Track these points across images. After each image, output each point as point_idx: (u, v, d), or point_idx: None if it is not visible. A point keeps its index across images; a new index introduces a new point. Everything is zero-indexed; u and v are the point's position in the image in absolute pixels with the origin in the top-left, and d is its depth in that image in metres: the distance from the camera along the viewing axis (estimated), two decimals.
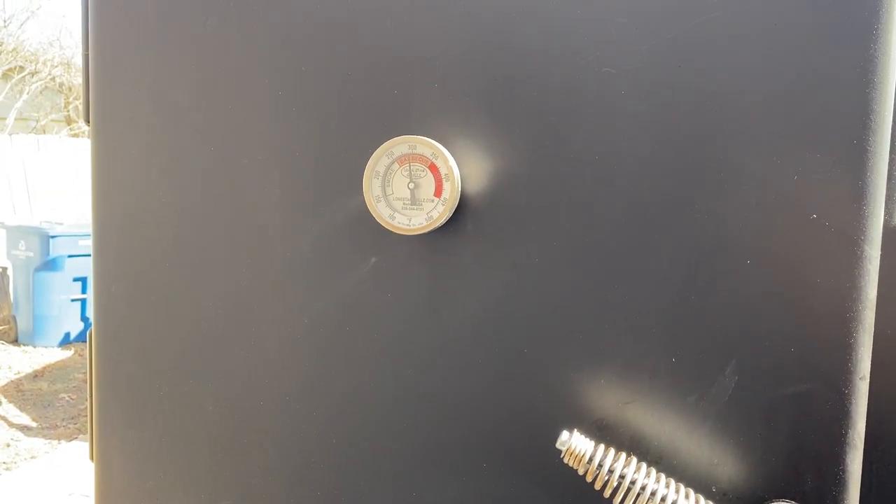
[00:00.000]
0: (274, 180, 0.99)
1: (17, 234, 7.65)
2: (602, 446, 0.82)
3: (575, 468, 0.83)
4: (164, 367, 1.06)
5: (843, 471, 0.84)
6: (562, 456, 0.83)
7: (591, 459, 0.81)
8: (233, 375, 1.03)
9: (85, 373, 7.12)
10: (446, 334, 0.94)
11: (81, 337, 8.07)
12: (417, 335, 0.95)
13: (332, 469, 1.00)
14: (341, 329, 0.98)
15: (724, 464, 0.86)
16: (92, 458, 1.12)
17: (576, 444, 0.82)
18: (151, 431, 1.07)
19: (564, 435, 0.83)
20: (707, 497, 0.82)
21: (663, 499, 0.80)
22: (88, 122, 1.07)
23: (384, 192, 0.91)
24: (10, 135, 9.01)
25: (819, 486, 0.84)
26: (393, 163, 0.90)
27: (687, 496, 0.80)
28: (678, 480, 0.83)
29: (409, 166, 0.90)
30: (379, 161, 0.91)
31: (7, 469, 5.34)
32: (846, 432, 0.83)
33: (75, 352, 7.77)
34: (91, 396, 1.11)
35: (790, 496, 0.85)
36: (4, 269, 8.13)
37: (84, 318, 8.09)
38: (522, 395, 0.92)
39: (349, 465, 0.99)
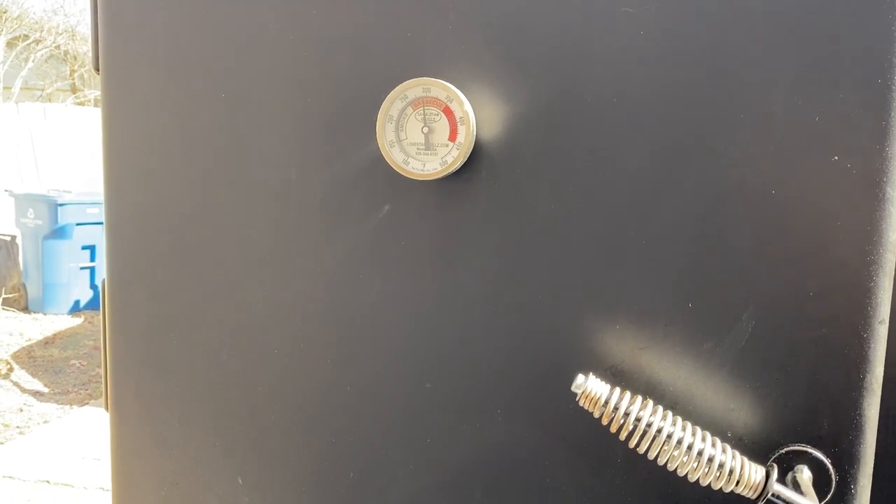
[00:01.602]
0: (286, 127, 0.98)
1: (26, 202, 7.67)
2: (618, 389, 0.82)
3: (591, 412, 0.82)
4: (177, 316, 1.06)
5: (860, 415, 0.83)
6: (577, 399, 0.83)
7: (606, 402, 0.81)
8: (246, 323, 1.03)
9: (95, 340, 7.18)
10: (460, 281, 0.93)
11: (91, 305, 8.12)
12: (431, 282, 0.94)
13: (346, 416, 1.00)
14: (354, 276, 0.97)
15: (740, 409, 0.86)
16: (107, 407, 1.13)
17: (591, 387, 0.81)
18: (165, 379, 1.07)
19: (580, 378, 0.82)
20: (723, 442, 0.82)
21: (679, 441, 0.79)
22: (98, 69, 1.06)
23: (398, 136, 0.90)
24: (17, 103, 8.99)
25: (835, 431, 0.84)
26: (407, 106, 0.89)
27: (703, 439, 0.80)
28: (693, 425, 0.82)
29: (424, 110, 0.88)
30: (393, 105, 0.89)
31: (21, 433, 5.41)
32: (863, 377, 0.83)
33: (85, 319, 7.83)
34: (105, 345, 1.12)
35: (806, 441, 0.85)
36: (13, 237, 8.16)
37: (93, 286, 8.13)
38: (537, 341, 0.92)
39: (362, 413, 0.99)
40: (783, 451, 0.85)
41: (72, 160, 9.50)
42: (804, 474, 0.84)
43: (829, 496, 0.84)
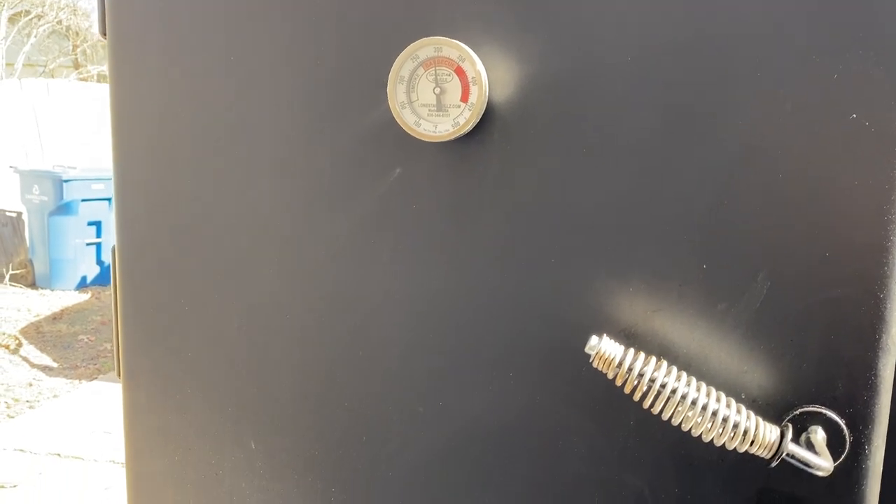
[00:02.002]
0: (297, 89, 0.97)
1: (31, 178, 7.66)
2: (632, 350, 0.82)
3: (604, 373, 0.82)
4: (187, 284, 1.06)
5: (875, 376, 0.83)
6: (591, 360, 0.82)
7: (620, 363, 0.81)
8: (257, 291, 1.02)
9: (103, 315, 7.22)
10: (472, 243, 0.93)
11: (98, 280, 8.15)
12: (443, 245, 0.94)
13: (357, 381, 1.00)
14: (366, 241, 0.97)
15: (754, 371, 0.86)
16: (119, 374, 1.13)
17: (605, 348, 0.81)
18: (176, 348, 1.08)
19: (594, 339, 0.82)
20: (737, 402, 0.81)
21: (694, 402, 0.79)
22: (104, 33, 1.05)
23: (409, 97, 0.89)
24: (20, 79, 8.95)
25: (850, 392, 0.84)
26: (418, 67, 0.88)
27: (718, 399, 0.80)
28: (708, 386, 0.82)
29: (435, 70, 0.87)
30: (403, 65, 0.88)
31: (31, 407, 5.46)
32: (879, 337, 0.82)
33: (92, 295, 7.86)
34: (116, 314, 1.12)
35: (820, 402, 0.84)
36: (19, 213, 8.17)
37: (100, 262, 8.15)
38: (549, 304, 0.91)
39: (374, 378, 0.99)
40: (797, 412, 0.84)
41: (76, 136, 9.47)
42: (818, 435, 0.84)
43: (843, 457, 0.83)
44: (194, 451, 1.09)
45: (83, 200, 7.69)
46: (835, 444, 0.84)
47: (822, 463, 0.80)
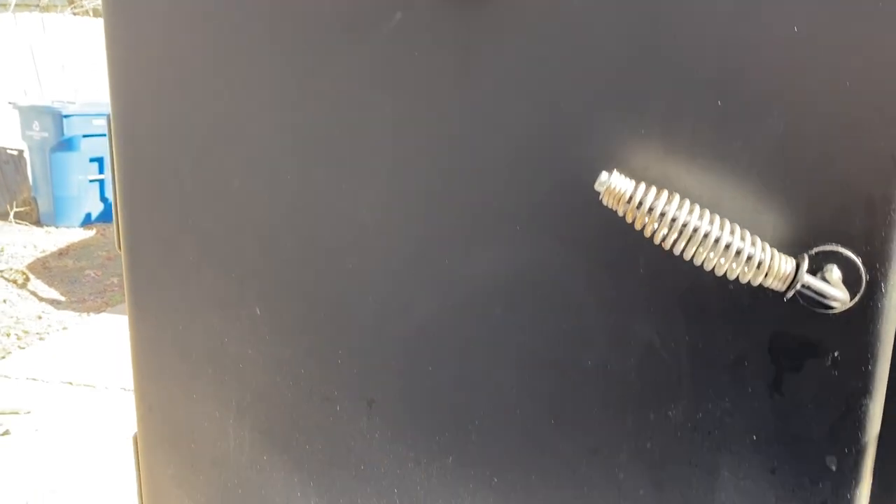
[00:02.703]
0: None
1: (30, 114, 7.59)
2: (643, 184, 0.79)
3: (614, 209, 0.80)
4: (185, 145, 1.03)
5: (895, 211, 0.80)
6: (600, 198, 0.80)
7: (630, 198, 0.78)
8: (257, 146, 1.00)
9: (108, 251, 7.23)
10: (478, 92, 0.90)
11: (102, 217, 8.14)
12: (447, 94, 0.91)
13: (362, 241, 0.98)
14: (367, 94, 0.94)
15: (769, 211, 0.83)
16: (119, 246, 1.12)
17: (615, 183, 0.79)
18: (176, 213, 1.06)
19: (604, 175, 0.79)
20: (752, 235, 0.79)
21: (706, 235, 0.77)
22: None
23: None
24: (14, 13, 8.79)
25: (867, 229, 0.81)
26: None
27: (732, 232, 0.77)
28: (722, 218, 0.79)
29: None
30: None
31: (41, 339, 5.51)
32: None
33: (97, 231, 7.87)
34: (115, 181, 1.09)
35: (837, 241, 0.82)
36: (20, 151, 8.12)
37: (104, 199, 8.13)
38: (558, 148, 0.88)
39: (378, 237, 0.97)
40: (812, 251, 0.82)
41: (73, 72, 9.34)
42: (833, 274, 0.81)
43: (859, 295, 0.82)
44: (199, 320, 1.08)
45: (84, 136, 7.62)
46: (850, 283, 0.82)
47: (839, 294, 0.78)
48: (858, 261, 0.82)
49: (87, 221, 8.05)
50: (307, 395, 1.06)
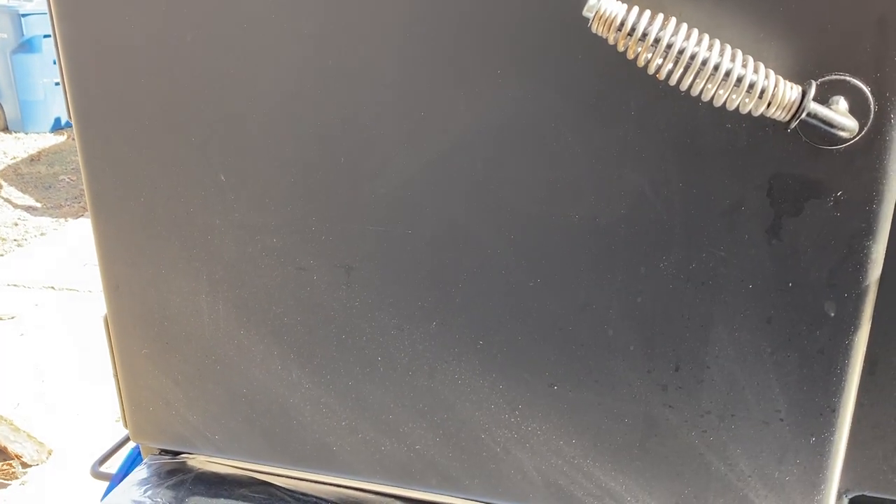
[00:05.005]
0: None
1: None
2: (636, 8, 0.71)
3: (605, 37, 0.72)
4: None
5: None
6: (589, 25, 0.72)
7: (622, 24, 0.71)
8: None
9: None
10: None
11: None
12: None
13: (343, 92, 0.90)
14: None
15: (772, 38, 0.76)
16: (69, 115, 1.03)
17: (606, 6, 0.71)
18: (128, 73, 0.96)
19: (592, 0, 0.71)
20: (755, 61, 0.72)
21: (705, 61, 0.70)
22: None
23: None
24: None
25: (879, 54, 0.74)
26: None
27: (733, 59, 0.70)
28: (723, 44, 0.72)
29: None
30: None
31: (19, 245, 5.43)
32: None
33: (69, 136, 7.64)
34: (57, 45, 1.00)
35: (844, 69, 0.75)
36: None
37: None
38: None
39: (352, 90, 0.89)
40: (819, 81, 0.76)
41: None
42: (840, 105, 0.75)
43: (867, 126, 0.76)
44: (160, 189, 1.01)
45: (45, 36, 7.29)
46: (858, 115, 0.75)
47: (846, 122, 0.72)
48: (867, 90, 0.75)
49: (56, 126, 7.81)
50: (281, 265, 1.00)
